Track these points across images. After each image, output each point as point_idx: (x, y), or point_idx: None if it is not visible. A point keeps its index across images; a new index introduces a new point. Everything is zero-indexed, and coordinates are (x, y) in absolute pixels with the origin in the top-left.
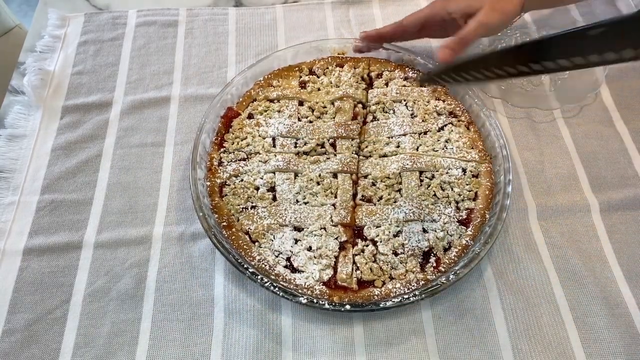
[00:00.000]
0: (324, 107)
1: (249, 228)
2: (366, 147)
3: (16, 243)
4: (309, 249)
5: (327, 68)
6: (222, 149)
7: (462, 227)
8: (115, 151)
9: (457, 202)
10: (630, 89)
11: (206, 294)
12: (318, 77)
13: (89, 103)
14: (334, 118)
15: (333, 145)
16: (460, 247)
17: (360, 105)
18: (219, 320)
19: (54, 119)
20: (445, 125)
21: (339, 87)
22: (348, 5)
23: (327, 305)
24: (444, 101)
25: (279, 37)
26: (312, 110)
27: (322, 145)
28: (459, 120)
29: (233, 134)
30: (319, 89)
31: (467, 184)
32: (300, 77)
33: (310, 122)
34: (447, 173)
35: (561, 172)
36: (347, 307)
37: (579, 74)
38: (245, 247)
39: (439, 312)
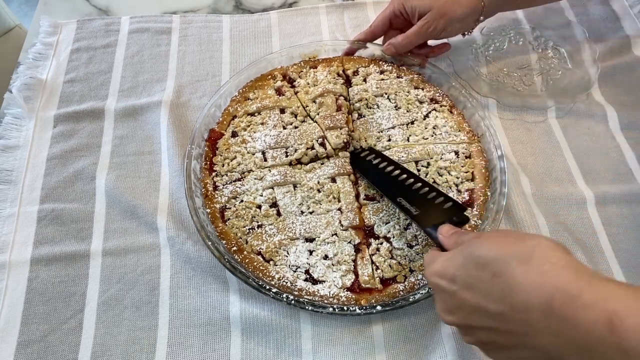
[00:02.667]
0: (306, 106)
1: (260, 248)
2: (359, 142)
3: (22, 254)
4: (326, 257)
5: (302, 71)
6: (213, 173)
7: (468, 208)
8: (112, 159)
9: (457, 185)
10: (622, 87)
11: (221, 298)
12: (294, 81)
13: (82, 111)
14: (318, 114)
15: (322, 144)
16: (470, 229)
17: (342, 98)
18: (236, 325)
19: (47, 128)
20: (430, 112)
21: (317, 85)
22: (342, 9)
23: (358, 311)
24: (423, 89)
25: (273, 44)
26: (295, 116)
27: (312, 148)
28: (441, 106)
29: (221, 155)
30: (297, 92)
31: (462, 166)
32: (275, 83)
33: (296, 127)
34: (441, 159)
35: (554, 165)
36: (378, 307)
37: (571, 73)
38: (261, 268)
39: None
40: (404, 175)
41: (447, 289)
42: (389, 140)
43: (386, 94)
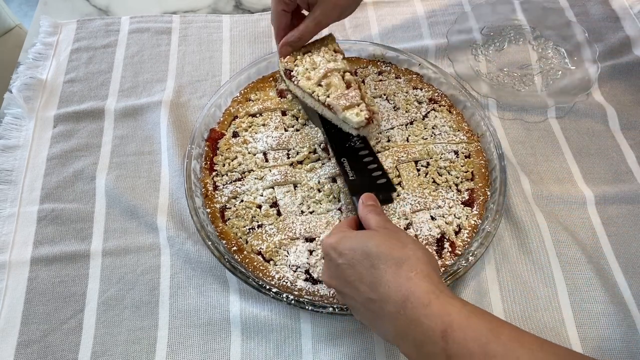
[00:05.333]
0: (313, 92)
1: (260, 248)
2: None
3: (22, 254)
4: None
5: (296, 59)
6: (214, 173)
7: (467, 208)
8: (112, 159)
9: (456, 185)
10: (622, 87)
11: (221, 298)
12: (291, 72)
13: (82, 111)
14: (328, 96)
15: (325, 149)
16: (470, 228)
17: (347, 74)
18: (236, 325)
19: (47, 128)
20: (429, 112)
21: (316, 68)
22: None
23: None
24: (421, 89)
25: (273, 44)
26: (297, 119)
27: (314, 152)
28: (440, 105)
29: (221, 155)
30: (298, 82)
31: (462, 166)
32: (276, 86)
33: (297, 130)
34: (441, 158)
35: (554, 165)
36: None
37: (571, 73)
38: (261, 268)
39: None
40: (360, 144)
41: (334, 260)
42: (389, 140)
43: (385, 94)
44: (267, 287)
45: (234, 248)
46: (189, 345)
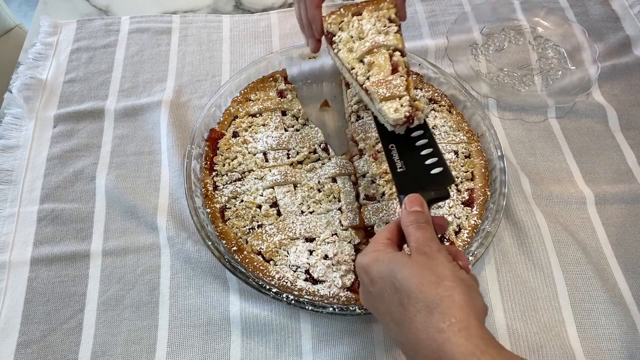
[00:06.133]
0: (352, 69)
1: (260, 248)
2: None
3: (22, 254)
4: (326, 257)
5: (342, 21)
6: (214, 173)
7: (467, 208)
8: (112, 159)
9: (456, 185)
10: (622, 87)
11: (221, 298)
12: (333, 36)
13: (82, 111)
14: (368, 78)
15: (325, 149)
16: (470, 228)
17: (397, 53)
18: (236, 325)
19: (47, 128)
20: (429, 113)
21: (363, 39)
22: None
23: (358, 311)
24: (421, 89)
25: (273, 44)
26: (297, 119)
27: (314, 152)
28: (440, 106)
29: (222, 155)
30: (338, 51)
31: (462, 166)
32: (277, 86)
33: (297, 130)
34: None
35: (553, 165)
36: None
37: (571, 73)
38: (261, 267)
39: None
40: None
41: (367, 284)
42: None
43: None
44: (267, 287)
45: (234, 248)
46: (189, 345)
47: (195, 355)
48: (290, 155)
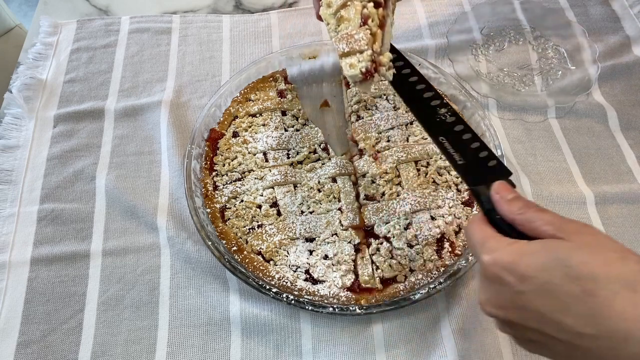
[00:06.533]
0: (328, 24)
1: (260, 248)
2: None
3: (22, 254)
4: (326, 257)
5: None
6: (214, 173)
7: (467, 208)
8: (112, 159)
9: (456, 185)
10: (622, 87)
11: (221, 298)
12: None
13: (82, 111)
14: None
15: (325, 149)
16: None
17: (371, 5)
18: (236, 325)
19: (47, 128)
20: None
21: None
22: None
23: (358, 311)
24: None
25: (273, 44)
26: (297, 119)
27: (314, 152)
28: None
29: (222, 155)
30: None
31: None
32: (277, 86)
33: (297, 130)
34: (441, 158)
35: (554, 165)
36: (379, 307)
37: (571, 73)
38: (261, 267)
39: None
40: (451, 116)
41: (512, 286)
42: (388, 141)
43: (385, 94)
44: (267, 287)
45: (234, 248)
46: (189, 345)
47: (195, 355)
48: (290, 155)
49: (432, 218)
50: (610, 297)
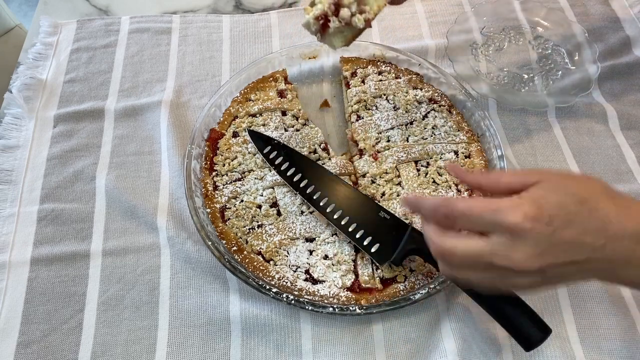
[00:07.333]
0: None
1: (260, 248)
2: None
3: (22, 254)
4: (326, 257)
5: None
6: (214, 173)
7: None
8: (112, 159)
9: (456, 185)
10: (622, 87)
11: (221, 298)
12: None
13: (82, 111)
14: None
15: (325, 149)
16: None
17: None
18: (236, 325)
19: (47, 128)
20: (429, 112)
21: None
22: None
23: (358, 311)
24: (421, 89)
25: (273, 44)
26: (297, 119)
27: (315, 152)
28: (440, 106)
29: (222, 155)
30: None
31: (462, 166)
32: (277, 86)
33: (297, 130)
34: (441, 159)
35: (554, 165)
36: (379, 307)
37: (571, 73)
38: (261, 268)
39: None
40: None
41: (544, 231)
42: (388, 141)
43: (385, 94)
44: (267, 287)
45: (234, 248)
46: (189, 345)
47: (195, 355)
48: None
49: None
50: (604, 208)
